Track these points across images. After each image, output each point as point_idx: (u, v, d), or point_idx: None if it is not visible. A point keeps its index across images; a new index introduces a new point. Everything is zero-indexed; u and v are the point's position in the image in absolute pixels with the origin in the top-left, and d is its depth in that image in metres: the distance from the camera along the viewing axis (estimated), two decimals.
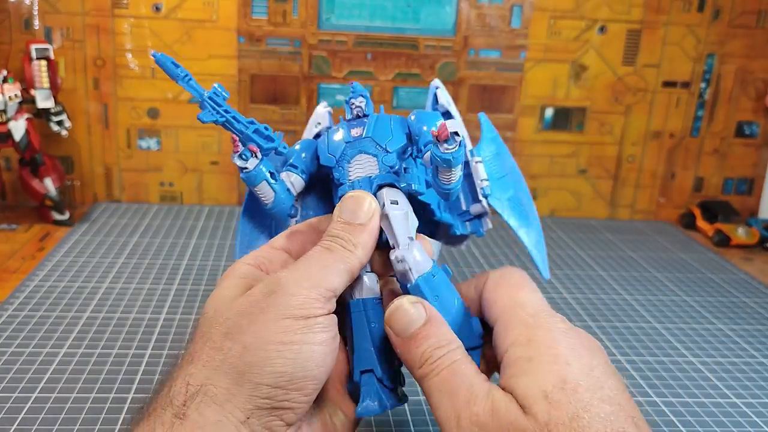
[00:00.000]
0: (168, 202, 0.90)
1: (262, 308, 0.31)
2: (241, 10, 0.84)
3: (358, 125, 0.39)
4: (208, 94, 0.37)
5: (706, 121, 0.94)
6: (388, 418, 0.46)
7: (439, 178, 0.35)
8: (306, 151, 0.40)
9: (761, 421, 0.49)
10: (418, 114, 0.40)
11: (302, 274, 0.32)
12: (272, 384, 0.30)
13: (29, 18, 0.82)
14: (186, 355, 0.32)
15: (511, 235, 0.86)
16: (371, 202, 0.35)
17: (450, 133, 0.33)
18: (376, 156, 0.38)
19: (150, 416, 0.30)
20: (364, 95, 0.40)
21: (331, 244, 0.34)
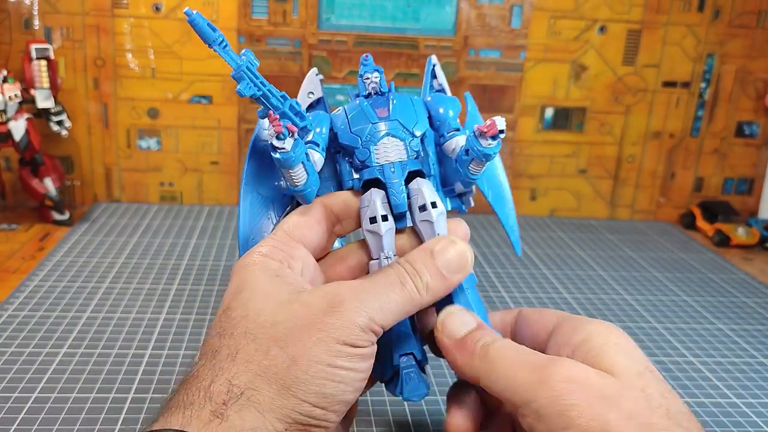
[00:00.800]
0: (168, 202, 0.90)
1: (316, 323, 0.30)
2: (241, 10, 0.84)
3: (382, 105, 0.38)
4: (245, 64, 0.34)
5: (706, 121, 0.94)
6: (388, 418, 0.46)
7: (470, 168, 0.36)
8: (322, 126, 0.38)
9: (761, 421, 0.49)
10: (436, 98, 0.40)
11: (366, 302, 0.31)
12: (314, 403, 0.30)
13: (29, 18, 0.82)
14: (224, 348, 0.30)
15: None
16: (471, 261, 0.34)
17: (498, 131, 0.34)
18: (404, 140, 0.37)
19: (184, 408, 0.29)
20: (379, 70, 0.39)
21: (408, 280, 0.33)
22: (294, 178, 0.35)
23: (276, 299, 0.31)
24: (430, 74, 0.44)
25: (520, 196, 0.95)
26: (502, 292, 0.68)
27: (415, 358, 0.35)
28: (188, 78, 0.85)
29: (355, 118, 0.37)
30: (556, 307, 0.65)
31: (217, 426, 0.28)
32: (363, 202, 0.36)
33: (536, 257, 0.78)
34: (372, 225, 0.35)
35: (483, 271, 0.73)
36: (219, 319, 0.32)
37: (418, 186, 0.36)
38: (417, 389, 0.35)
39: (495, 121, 0.34)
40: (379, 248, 0.35)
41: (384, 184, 0.36)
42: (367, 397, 0.49)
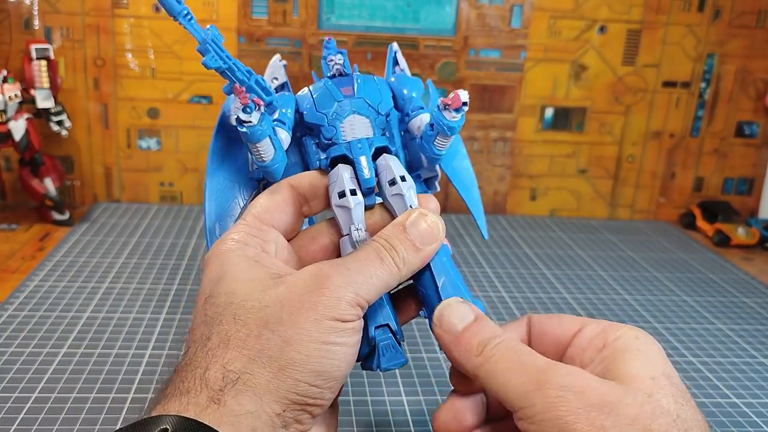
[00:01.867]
0: (168, 202, 0.90)
1: (305, 303, 0.31)
2: (241, 10, 0.84)
3: (346, 84, 0.38)
4: (210, 37, 0.34)
5: (706, 121, 0.94)
6: (388, 418, 0.46)
7: (435, 143, 0.36)
8: (287, 107, 0.38)
9: (761, 421, 0.49)
10: (400, 78, 0.41)
11: (350, 278, 0.32)
12: (310, 382, 0.30)
13: (29, 18, 0.82)
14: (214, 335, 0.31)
15: (510, 235, 0.86)
16: (442, 231, 0.35)
17: (461, 103, 0.34)
18: (369, 117, 0.37)
19: (181, 395, 0.29)
20: (342, 53, 0.40)
21: (385, 255, 0.33)
22: (261, 153, 0.35)
23: (260, 284, 0.32)
24: (392, 61, 0.45)
25: (520, 196, 0.95)
26: (502, 292, 0.68)
27: (390, 329, 0.35)
28: (188, 78, 0.85)
29: (321, 97, 0.38)
30: (555, 307, 0.65)
31: (214, 411, 0.28)
32: (331, 178, 0.37)
33: (536, 257, 0.78)
34: (341, 200, 0.36)
35: (483, 271, 0.73)
36: (203, 307, 0.32)
37: (385, 161, 0.37)
38: (394, 358, 0.35)
39: (458, 93, 0.34)
40: (348, 222, 0.35)
41: (351, 161, 0.36)
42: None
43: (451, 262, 0.36)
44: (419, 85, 0.40)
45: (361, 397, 0.49)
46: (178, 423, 0.27)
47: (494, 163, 0.93)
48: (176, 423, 0.27)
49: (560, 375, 0.30)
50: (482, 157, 0.92)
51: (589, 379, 0.30)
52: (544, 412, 0.29)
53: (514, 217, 0.94)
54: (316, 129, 0.38)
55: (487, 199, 0.94)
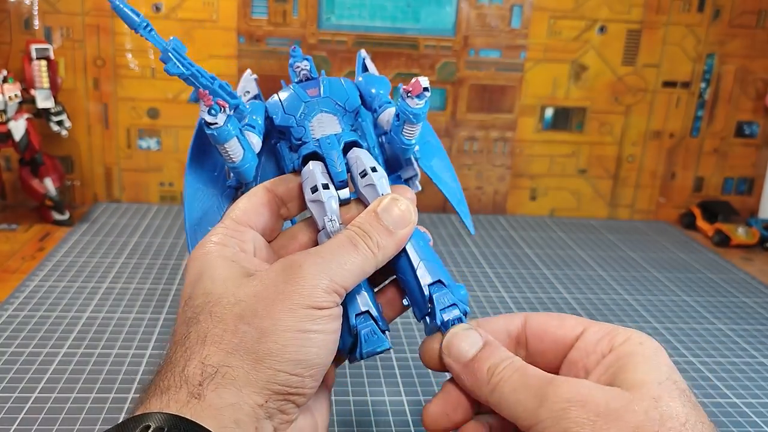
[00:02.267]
0: (168, 202, 0.90)
1: (278, 294, 0.31)
2: (241, 10, 0.84)
3: (312, 86, 0.39)
4: (171, 46, 0.35)
5: (706, 121, 0.94)
6: (388, 418, 0.46)
7: (403, 133, 0.37)
8: (257, 113, 0.39)
9: (761, 421, 0.49)
10: (366, 77, 0.41)
11: (323, 265, 0.32)
12: (290, 371, 0.30)
13: (29, 18, 0.82)
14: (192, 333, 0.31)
15: (510, 235, 0.86)
16: (414, 214, 0.35)
17: (422, 89, 0.35)
18: (336, 114, 0.38)
19: (161, 393, 0.29)
20: (308, 59, 0.41)
21: (359, 241, 0.33)
22: (230, 153, 0.36)
23: (235, 281, 0.32)
24: (360, 67, 0.45)
25: (520, 196, 0.95)
26: (502, 292, 0.68)
27: (371, 316, 0.35)
28: None
29: (288, 99, 0.39)
30: (555, 307, 0.65)
31: (195, 405, 0.28)
32: (303, 175, 0.37)
33: (536, 257, 0.78)
34: (314, 194, 0.36)
35: (483, 271, 0.73)
36: (183, 309, 0.33)
37: (355, 154, 0.37)
38: (376, 343, 0.35)
39: (418, 79, 0.35)
40: (322, 215, 0.36)
41: (322, 157, 0.37)
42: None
43: (428, 246, 0.37)
44: (386, 83, 0.41)
45: (361, 397, 0.49)
46: (161, 419, 0.28)
47: (494, 163, 0.93)
48: (159, 420, 0.28)
49: (562, 388, 0.30)
50: (482, 157, 0.92)
51: (591, 389, 0.30)
52: (552, 427, 0.29)
53: (514, 217, 0.94)
54: (287, 132, 0.38)
55: (487, 199, 0.94)
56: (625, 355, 0.32)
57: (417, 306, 0.36)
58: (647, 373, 0.31)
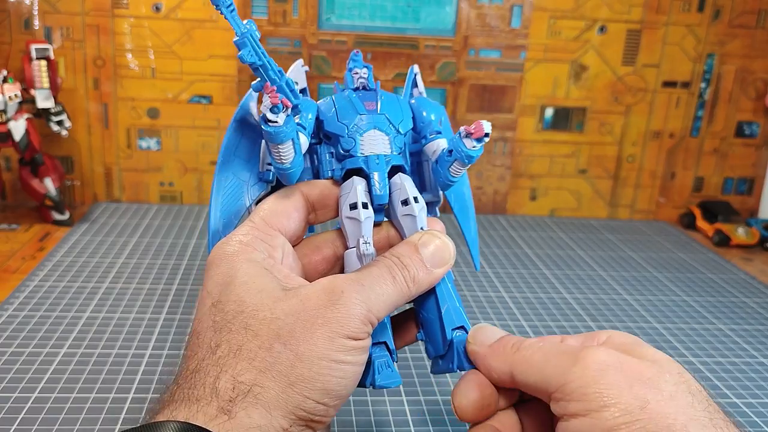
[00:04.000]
0: (168, 202, 0.90)
1: (318, 318, 0.30)
2: (241, 11, 0.84)
3: (370, 99, 0.38)
4: (249, 32, 0.33)
5: (706, 121, 0.94)
6: (388, 418, 0.46)
7: (451, 170, 0.36)
8: (309, 111, 0.37)
9: (761, 421, 0.49)
10: (420, 100, 0.40)
11: (363, 294, 0.31)
12: (317, 399, 0.30)
13: (29, 18, 0.82)
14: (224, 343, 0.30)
15: (510, 235, 0.86)
16: (453, 255, 0.35)
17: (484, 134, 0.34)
18: (389, 135, 0.37)
19: (191, 403, 0.29)
20: (368, 67, 0.40)
21: (397, 273, 0.33)
22: (282, 155, 0.34)
23: (271, 294, 0.31)
24: (411, 83, 0.45)
25: (520, 196, 0.95)
26: (502, 292, 0.68)
27: (387, 347, 0.35)
28: (188, 78, 0.85)
29: (344, 108, 0.38)
30: (555, 307, 0.65)
31: (224, 422, 0.28)
32: (344, 189, 0.37)
33: (536, 257, 0.78)
34: (352, 211, 0.35)
35: (483, 271, 0.73)
36: (210, 312, 0.32)
37: (400, 180, 0.37)
38: (390, 377, 0.34)
39: (482, 124, 0.34)
40: (357, 235, 0.35)
41: (366, 175, 0.36)
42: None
43: (454, 288, 0.36)
44: (439, 110, 0.40)
45: (361, 397, 0.49)
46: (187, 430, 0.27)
47: (494, 163, 0.93)
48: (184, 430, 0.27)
49: (600, 352, 0.30)
50: (482, 157, 0.92)
51: (625, 357, 0.30)
52: (587, 386, 0.28)
53: (514, 217, 0.94)
54: (334, 138, 0.37)
55: (487, 199, 0.94)
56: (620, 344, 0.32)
57: (433, 345, 0.36)
58: (655, 352, 0.31)
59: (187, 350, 0.32)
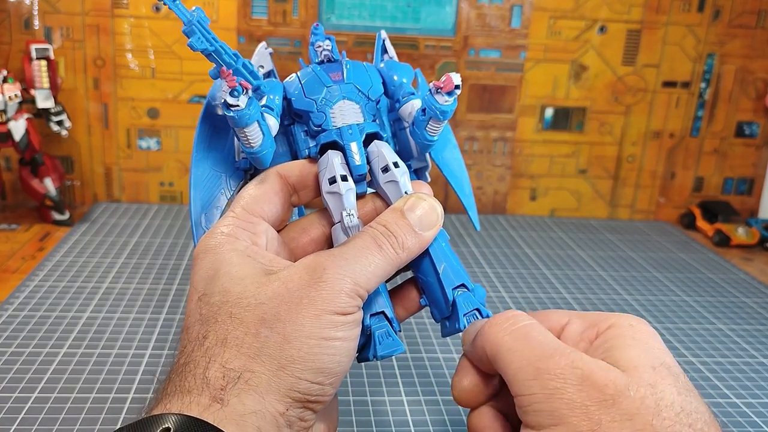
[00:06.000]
0: (168, 202, 0.90)
1: (302, 298, 0.30)
2: (241, 10, 0.84)
3: (335, 69, 0.37)
4: (196, 19, 0.33)
5: (706, 121, 0.94)
6: (388, 418, 0.46)
7: (427, 129, 0.36)
8: (275, 93, 0.37)
9: (761, 421, 0.49)
10: (390, 63, 0.40)
11: (348, 268, 0.31)
12: (311, 379, 0.29)
13: (29, 18, 0.82)
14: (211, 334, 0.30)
15: (510, 235, 0.86)
16: (441, 215, 0.34)
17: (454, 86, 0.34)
18: (359, 103, 0.37)
19: (182, 394, 0.29)
20: (330, 38, 0.39)
21: (384, 242, 0.32)
22: (250, 139, 0.34)
23: (254, 280, 0.31)
24: (380, 48, 0.44)
25: (520, 196, 0.95)
26: (502, 292, 0.68)
27: (386, 317, 0.34)
28: (188, 78, 0.85)
29: (309, 83, 0.37)
30: (555, 308, 0.65)
31: (217, 410, 0.28)
32: (321, 164, 0.36)
33: (536, 257, 0.78)
34: (332, 186, 0.35)
35: (483, 271, 0.73)
36: (196, 306, 0.31)
37: (377, 148, 0.36)
38: (391, 346, 0.34)
39: (450, 76, 0.34)
40: (340, 209, 0.35)
41: (342, 147, 0.36)
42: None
43: (449, 247, 0.36)
44: (410, 71, 0.40)
45: (361, 397, 0.49)
46: (181, 422, 0.27)
47: (494, 163, 0.93)
48: (179, 422, 0.27)
49: (560, 364, 0.28)
50: (482, 157, 0.92)
51: (593, 367, 0.28)
52: (541, 402, 0.28)
53: (514, 217, 0.94)
54: (305, 116, 0.37)
55: (487, 199, 0.94)
56: (614, 337, 0.31)
57: (437, 308, 0.35)
58: (639, 356, 0.29)
59: (178, 346, 0.32)
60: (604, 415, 0.27)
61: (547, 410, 0.28)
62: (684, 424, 0.27)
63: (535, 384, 0.28)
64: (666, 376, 0.28)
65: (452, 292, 0.35)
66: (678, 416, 0.27)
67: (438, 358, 0.55)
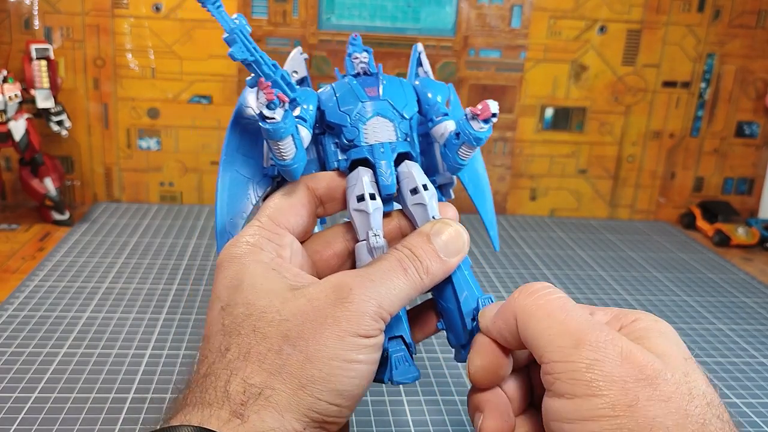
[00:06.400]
0: (168, 202, 0.90)
1: (327, 318, 0.30)
2: (241, 10, 0.84)
3: (372, 84, 0.37)
4: (238, 28, 0.32)
5: (706, 121, 0.94)
6: (388, 418, 0.46)
7: (459, 153, 0.35)
8: (309, 102, 0.36)
9: (761, 421, 0.49)
10: (425, 81, 0.39)
11: (373, 290, 0.31)
12: (330, 401, 0.29)
13: (29, 18, 0.82)
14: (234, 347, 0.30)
15: (510, 235, 0.86)
16: (466, 243, 0.34)
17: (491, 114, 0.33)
18: (393, 121, 0.36)
19: (203, 407, 0.28)
20: (368, 50, 0.38)
21: (409, 265, 0.32)
22: (283, 152, 0.33)
23: (279, 295, 0.31)
24: (416, 62, 0.43)
25: (520, 196, 0.95)
26: (501, 292, 0.68)
27: (404, 341, 0.34)
28: (188, 78, 0.85)
29: (344, 96, 0.36)
30: None
31: (237, 426, 0.28)
32: (350, 180, 0.35)
33: (536, 257, 0.78)
34: (359, 203, 0.34)
35: (483, 271, 0.73)
36: (219, 316, 0.31)
37: (408, 168, 0.35)
38: (408, 372, 0.33)
39: (488, 104, 0.33)
40: (366, 228, 0.34)
41: (372, 165, 0.35)
42: (369, 407, 0.49)
43: (471, 275, 0.35)
44: (445, 90, 0.39)
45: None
46: None
47: (494, 163, 0.93)
48: None
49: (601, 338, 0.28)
50: (482, 157, 0.92)
51: (631, 347, 0.28)
52: (579, 371, 0.27)
53: (514, 217, 0.94)
54: (337, 128, 0.36)
55: None
56: (641, 329, 0.30)
57: (454, 334, 0.35)
58: (671, 346, 0.29)
59: (199, 354, 0.32)
60: (641, 393, 0.27)
61: (585, 380, 0.27)
62: (713, 415, 0.27)
63: (575, 353, 0.28)
64: (696, 368, 0.29)
65: (471, 322, 0.34)
66: (708, 406, 0.27)
67: (438, 358, 0.55)
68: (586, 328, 0.29)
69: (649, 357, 0.28)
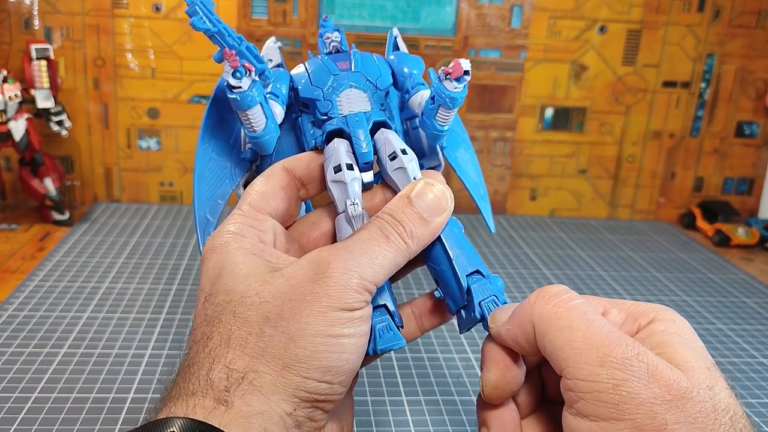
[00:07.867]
0: (168, 202, 0.90)
1: (306, 295, 0.29)
2: (241, 11, 0.84)
3: (343, 59, 0.37)
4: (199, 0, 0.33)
5: (706, 121, 0.94)
6: (388, 418, 0.46)
7: (437, 118, 0.35)
8: (281, 82, 0.36)
9: (761, 421, 0.49)
10: (399, 55, 0.39)
11: (353, 261, 0.29)
12: (318, 378, 0.29)
13: (29, 18, 0.82)
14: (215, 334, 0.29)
15: (510, 235, 0.86)
16: (451, 200, 0.33)
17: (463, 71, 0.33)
18: (366, 91, 0.36)
19: (187, 397, 0.28)
20: (340, 30, 0.39)
21: (391, 231, 0.31)
22: (252, 122, 0.33)
23: (258, 278, 0.30)
24: (392, 46, 0.43)
25: (520, 196, 0.95)
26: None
27: (387, 310, 0.33)
28: (188, 78, 0.85)
29: (316, 71, 0.36)
30: None
31: (222, 413, 0.27)
32: (326, 153, 0.35)
33: (536, 257, 0.78)
34: (336, 174, 0.33)
35: None
36: (203, 306, 0.31)
37: (384, 135, 0.35)
38: (391, 340, 0.32)
39: (459, 61, 0.33)
40: (344, 198, 0.33)
41: (348, 135, 0.35)
42: (367, 397, 0.49)
43: (462, 234, 0.34)
44: (420, 63, 0.39)
45: (362, 397, 0.49)
46: (186, 426, 0.26)
47: (494, 163, 0.93)
48: (184, 426, 0.26)
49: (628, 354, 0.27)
50: (482, 157, 0.92)
51: (658, 365, 0.27)
52: (605, 392, 0.26)
53: (514, 217, 0.94)
54: (311, 104, 0.36)
55: None
56: (660, 333, 0.29)
57: (452, 298, 0.34)
58: (693, 355, 0.28)
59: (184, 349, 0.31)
60: (669, 417, 0.26)
61: (612, 402, 0.26)
62: (737, 429, 0.26)
63: (602, 372, 0.26)
64: (719, 378, 0.28)
65: (467, 279, 0.33)
66: (732, 420, 0.26)
67: (438, 358, 0.55)
68: (611, 342, 0.27)
69: (675, 374, 0.27)
